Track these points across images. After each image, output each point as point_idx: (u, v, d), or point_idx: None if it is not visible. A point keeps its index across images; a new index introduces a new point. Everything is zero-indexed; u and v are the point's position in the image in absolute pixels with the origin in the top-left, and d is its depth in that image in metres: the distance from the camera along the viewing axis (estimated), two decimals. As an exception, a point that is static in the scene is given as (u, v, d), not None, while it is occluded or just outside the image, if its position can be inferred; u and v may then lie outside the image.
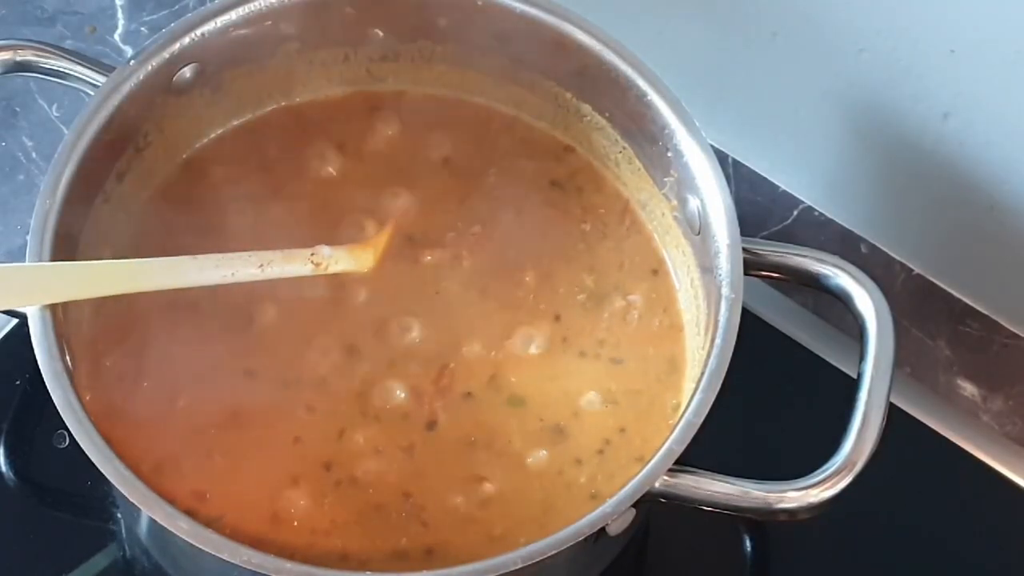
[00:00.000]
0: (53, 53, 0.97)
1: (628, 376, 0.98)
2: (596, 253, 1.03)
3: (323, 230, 1.02)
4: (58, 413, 0.86)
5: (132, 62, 0.97)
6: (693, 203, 0.97)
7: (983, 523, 1.08)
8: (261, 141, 1.04)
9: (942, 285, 1.10)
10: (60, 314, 0.90)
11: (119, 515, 1.04)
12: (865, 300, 0.93)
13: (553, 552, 0.85)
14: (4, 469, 1.06)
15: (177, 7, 1.24)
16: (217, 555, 0.84)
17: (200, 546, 0.85)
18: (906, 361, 1.12)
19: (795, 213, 1.14)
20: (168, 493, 0.88)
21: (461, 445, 0.96)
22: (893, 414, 0.91)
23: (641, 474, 0.87)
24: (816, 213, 1.14)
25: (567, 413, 0.97)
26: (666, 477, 0.87)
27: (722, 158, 1.14)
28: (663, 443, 0.88)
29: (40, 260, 0.90)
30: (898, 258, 1.11)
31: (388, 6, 1.02)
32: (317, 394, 0.96)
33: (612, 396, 0.98)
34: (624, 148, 1.03)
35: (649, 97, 0.98)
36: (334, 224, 1.02)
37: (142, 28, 1.24)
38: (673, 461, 0.87)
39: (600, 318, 1.00)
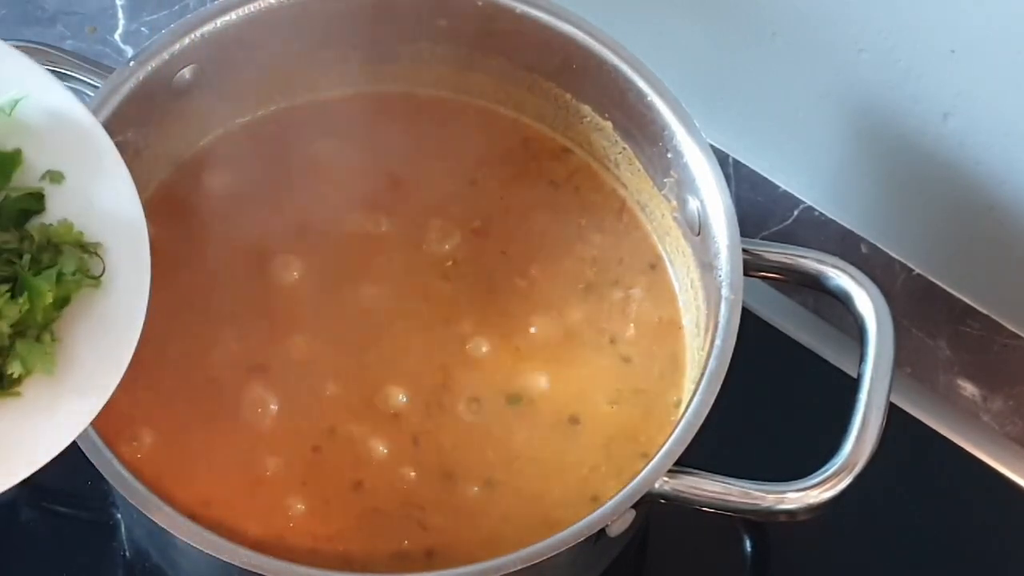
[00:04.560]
0: (53, 54, 0.97)
1: (632, 373, 0.99)
2: (595, 248, 1.03)
3: (324, 228, 1.02)
4: (58, 414, 0.86)
5: (132, 63, 0.97)
6: (693, 204, 0.97)
7: (983, 523, 1.08)
8: (261, 142, 1.04)
9: (942, 285, 1.10)
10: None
11: (119, 515, 1.04)
12: (865, 301, 0.93)
13: (553, 553, 0.85)
14: (4, 469, 1.06)
15: (177, 7, 1.24)
16: (217, 557, 0.84)
17: (200, 548, 0.85)
18: (906, 361, 1.12)
19: (795, 213, 1.14)
20: (169, 495, 0.89)
21: (463, 445, 0.96)
22: (893, 414, 0.91)
23: (641, 475, 0.87)
24: (816, 213, 1.14)
25: (571, 410, 0.97)
26: (666, 478, 0.87)
27: (722, 158, 1.14)
28: (665, 441, 0.88)
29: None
30: (898, 258, 1.11)
31: (388, 7, 1.02)
32: (320, 395, 0.96)
33: (616, 393, 0.98)
34: (624, 149, 1.03)
35: (649, 98, 0.98)
36: (335, 222, 1.02)
37: (142, 28, 1.24)
38: (673, 462, 0.87)
39: (601, 310, 1.00)
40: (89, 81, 0.97)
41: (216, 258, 1.00)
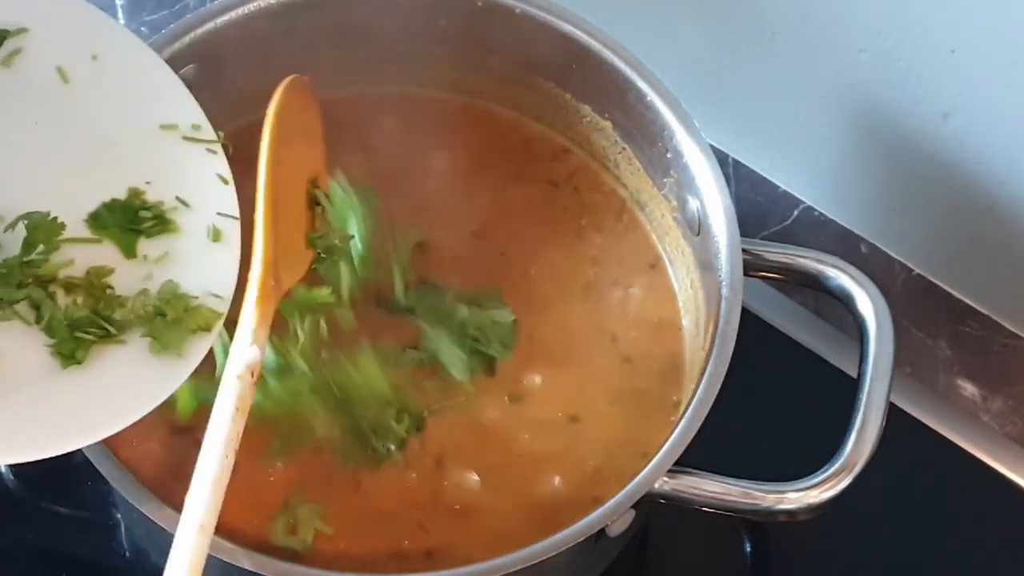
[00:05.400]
0: (53, 54, 0.97)
1: (632, 373, 0.99)
2: (595, 248, 1.03)
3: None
4: (58, 414, 0.86)
5: (132, 63, 0.97)
6: (693, 204, 0.97)
7: (983, 523, 1.08)
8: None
9: (942, 285, 1.10)
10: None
11: (119, 515, 1.04)
12: (865, 301, 0.93)
13: (553, 553, 0.85)
14: (4, 469, 1.06)
15: (177, 7, 1.24)
16: (217, 557, 0.84)
17: (200, 547, 0.85)
18: (906, 361, 1.12)
19: (795, 213, 1.14)
20: (169, 495, 0.88)
21: (464, 445, 0.96)
22: (893, 414, 0.92)
23: (641, 475, 0.87)
24: (816, 213, 1.13)
25: (572, 410, 0.97)
26: (666, 478, 0.87)
27: (722, 158, 1.14)
28: (665, 441, 0.88)
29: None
30: (898, 258, 1.11)
31: (388, 7, 1.02)
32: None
33: (617, 393, 0.98)
34: (624, 149, 1.03)
35: (649, 98, 0.98)
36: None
37: (142, 28, 1.24)
38: (673, 462, 0.87)
39: (601, 310, 1.01)
40: (89, 81, 0.97)
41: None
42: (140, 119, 0.91)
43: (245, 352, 0.85)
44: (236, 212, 0.90)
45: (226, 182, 0.91)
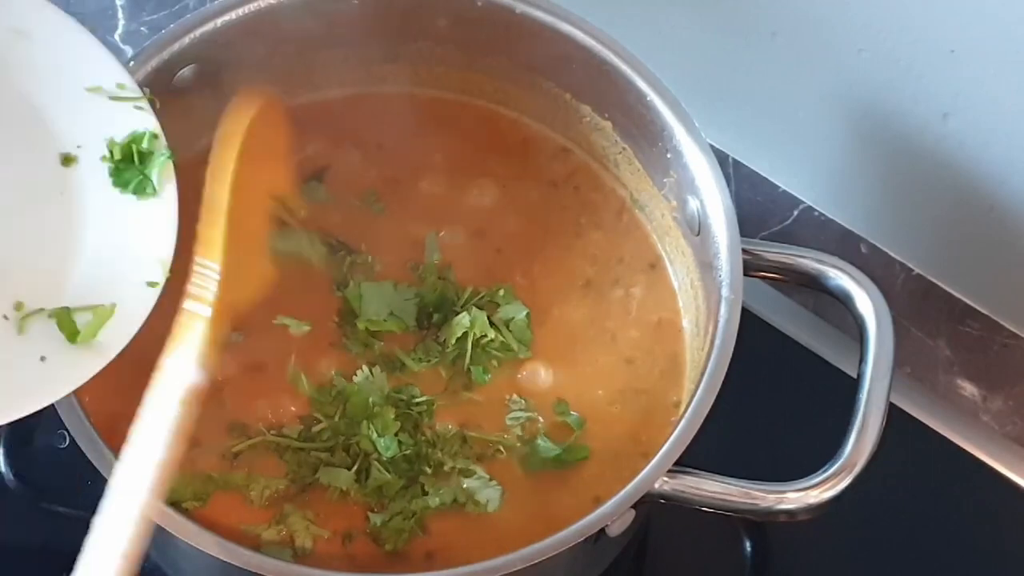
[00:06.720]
0: (53, 54, 0.97)
1: (633, 373, 0.99)
2: (595, 247, 1.03)
3: (324, 228, 1.02)
4: (58, 413, 0.86)
5: (132, 62, 0.96)
6: (693, 204, 0.97)
7: (983, 523, 1.08)
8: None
9: (942, 285, 1.10)
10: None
11: (119, 515, 1.04)
12: (865, 301, 0.93)
13: (553, 553, 0.85)
14: (4, 469, 1.06)
15: (177, 7, 1.24)
16: (216, 556, 0.84)
17: (199, 547, 0.85)
18: (906, 361, 1.12)
19: (795, 213, 1.14)
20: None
21: (461, 446, 0.96)
22: (893, 414, 0.91)
23: (641, 475, 0.87)
24: (816, 213, 1.14)
25: (572, 409, 0.97)
26: (666, 478, 0.87)
27: (722, 158, 1.14)
28: (665, 441, 0.88)
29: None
30: (898, 258, 1.11)
31: (388, 7, 1.02)
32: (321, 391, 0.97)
33: (618, 393, 0.98)
34: (624, 149, 1.03)
35: (649, 98, 0.98)
36: (335, 223, 1.02)
37: (142, 28, 1.24)
38: (673, 462, 0.87)
39: (601, 309, 1.01)
40: (89, 81, 0.97)
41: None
42: (66, 86, 0.90)
43: (190, 374, 0.80)
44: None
45: (156, 137, 0.91)
